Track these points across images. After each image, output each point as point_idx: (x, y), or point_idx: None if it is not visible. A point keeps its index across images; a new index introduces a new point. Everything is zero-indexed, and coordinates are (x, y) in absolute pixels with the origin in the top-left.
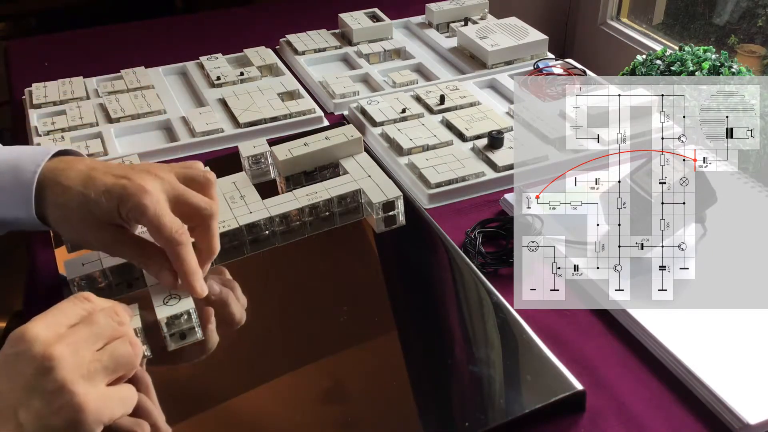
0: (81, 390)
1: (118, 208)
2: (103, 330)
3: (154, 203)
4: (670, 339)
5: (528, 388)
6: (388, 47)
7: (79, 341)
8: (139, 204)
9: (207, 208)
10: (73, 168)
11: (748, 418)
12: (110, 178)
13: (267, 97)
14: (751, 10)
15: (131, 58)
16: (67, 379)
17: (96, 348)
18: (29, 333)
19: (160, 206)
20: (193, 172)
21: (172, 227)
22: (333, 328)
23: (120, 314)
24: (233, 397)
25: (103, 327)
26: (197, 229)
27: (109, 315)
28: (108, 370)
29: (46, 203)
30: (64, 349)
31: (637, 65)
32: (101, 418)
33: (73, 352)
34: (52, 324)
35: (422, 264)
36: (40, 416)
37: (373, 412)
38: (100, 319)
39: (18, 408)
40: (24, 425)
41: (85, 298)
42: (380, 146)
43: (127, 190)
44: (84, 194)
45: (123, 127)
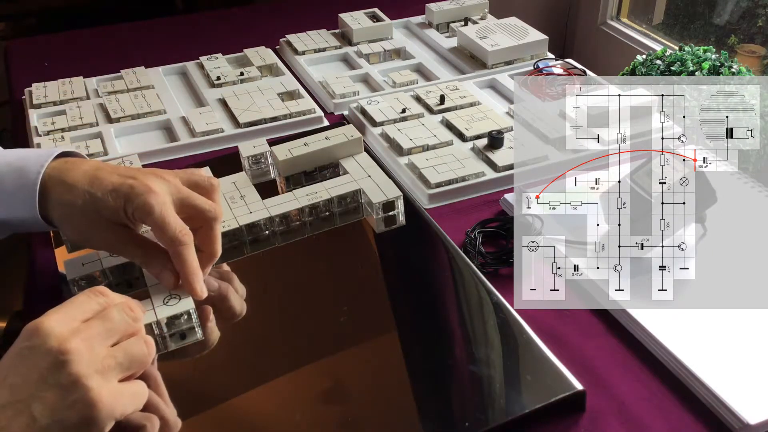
0: (95, 385)
1: (125, 207)
2: (118, 326)
3: (159, 203)
4: (670, 339)
5: (528, 388)
6: (388, 47)
7: (93, 336)
8: (146, 203)
9: (211, 211)
10: (79, 168)
11: (748, 418)
12: (117, 178)
13: (267, 97)
14: (751, 10)
15: (131, 58)
16: (81, 374)
17: (110, 344)
18: (44, 327)
19: (166, 207)
20: (198, 177)
21: (176, 227)
22: (333, 328)
23: (134, 310)
24: (233, 397)
25: (117, 323)
26: (200, 232)
27: (124, 311)
28: (122, 366)
29: (51, 202)
30: (80, 343)
31: (637, 65)
32: (113, 414)
33: (88, 347)
34: (67, 318)
35: (422, 264)
36: (54, 410)
37: (373, 412)
38: (114, 315)
39: (32, 401)
40: (38, 419)
41: (100, 293)
42: (380, 146)
43: (134, 190)
44: (90, 193)
45: (123, 127)
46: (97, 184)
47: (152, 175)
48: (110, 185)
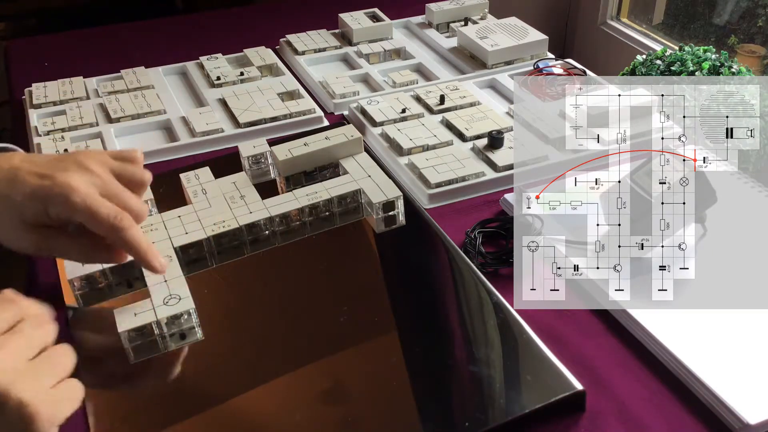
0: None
1: (47, 210)
2: (35, 342)
3: (83, 198)
4: (670, 339)
5: (528, 388)
6: (388, 47)
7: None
8: (67, 203)
9: (136, 209)
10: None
11: (748, 418)
12: (34, 179)
13: (267, 97)
14: (751, 10)
15: (131, 58)
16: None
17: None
18: None
19: (91, 199)
20: (131, 171)
21: (109, 216)
22: (333, 328)
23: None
24: (233, 397)
25: (34, 339)
26: None
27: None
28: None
29: None
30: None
31: (637, 65)
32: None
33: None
34: None
35: (422, 264)
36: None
37: (373, 412)
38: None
39: None
40: None
41: (10, 300)
42: (380, 146)
43: (52, 191)
44: (9, 197)
45: (123, 127)
46: (13, 187)
47: (74, 168)
48: (29, 189)
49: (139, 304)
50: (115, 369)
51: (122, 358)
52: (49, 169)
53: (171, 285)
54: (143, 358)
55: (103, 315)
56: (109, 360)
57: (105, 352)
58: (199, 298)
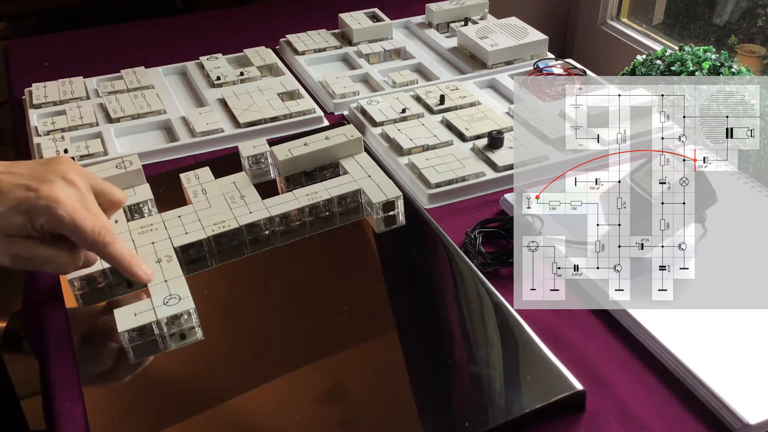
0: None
1: (32, 222)
2: None
3: (69, 212)
4: (670, 339)
5: (528, 388)
6: (388, 47)
7: None
8: (53, 216)
9: None
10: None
11: (748, 418)
12: (19, 191)
13: (267, 97)
14: (751, 10)
15: (131, 58)
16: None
17: None
18: None
19: (77, 213)
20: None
21: (94, 230)
22: (333, 328)
23: None
24: (233, 397)
25: None
26: None
27: None
28: None
29: None
30: None
31: (637, 65)
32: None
33: None
34: None
35: (422, 264)
36: None
37: (373, 412)
38: None
39: None
40: None
41: None
42: (380, 146)
43: (39, 202)
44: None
45: (123, 127)
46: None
47: (59, 180)
48: (13, 200)
49: (139, 304)
50: (115, 369)
51: (122, 358)
52: (33, 179)
53: (171, 285)
54: (143, 358)
55: (103, 315)
56: (109, 360)
57: (105, 352)
58: (199, 298)
